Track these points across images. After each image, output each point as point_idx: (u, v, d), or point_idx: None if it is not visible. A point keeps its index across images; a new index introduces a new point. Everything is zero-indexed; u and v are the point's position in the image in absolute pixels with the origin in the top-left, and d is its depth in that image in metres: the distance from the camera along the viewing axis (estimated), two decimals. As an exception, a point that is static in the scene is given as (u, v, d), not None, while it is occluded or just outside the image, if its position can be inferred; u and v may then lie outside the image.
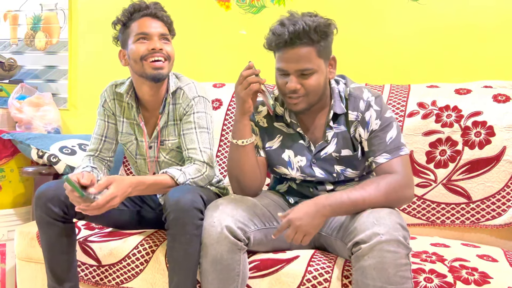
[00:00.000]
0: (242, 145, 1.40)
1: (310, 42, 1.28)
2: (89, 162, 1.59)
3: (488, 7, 2.01)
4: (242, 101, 1.36)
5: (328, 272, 1.29)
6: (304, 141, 1.44)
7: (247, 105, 1.36)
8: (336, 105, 1.39)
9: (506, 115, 1.68)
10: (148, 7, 1.51)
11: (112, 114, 1.62)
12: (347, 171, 1.42)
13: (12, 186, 2.20)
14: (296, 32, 1.26)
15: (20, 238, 1.66)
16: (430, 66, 2.09)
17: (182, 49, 2.41)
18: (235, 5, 2.34)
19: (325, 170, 1.43)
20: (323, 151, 1.42)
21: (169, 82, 1.57)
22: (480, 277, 1.25)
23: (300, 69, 1.30)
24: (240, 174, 1.42)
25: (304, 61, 1.29)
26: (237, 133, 1.40)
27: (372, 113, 1.36)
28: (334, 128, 1.41)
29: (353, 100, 1.39)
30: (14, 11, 2.71)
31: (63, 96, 2.64)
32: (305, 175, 1.44)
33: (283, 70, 1.32)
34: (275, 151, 1.47)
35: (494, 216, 1.63)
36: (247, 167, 1.42)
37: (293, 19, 1.29)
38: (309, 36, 1.26)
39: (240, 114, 1.38)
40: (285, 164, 1.46)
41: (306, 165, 1.43)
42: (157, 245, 1.49)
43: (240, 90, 1.34)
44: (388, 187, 1.26)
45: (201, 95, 1.55)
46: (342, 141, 1.40)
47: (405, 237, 1.16)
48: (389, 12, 2.13)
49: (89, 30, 2.59)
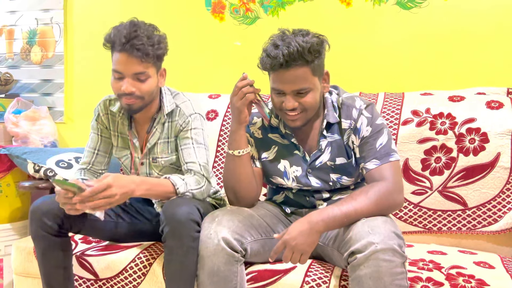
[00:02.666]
0: (238, 155, 1.41)
1: (304, 63, 1.29)
2: (80, 175, 1.60)
3: (480, 14, 2.03)
4: (238, 112, 1.37)
5: (325, 282, 1.29)
6: (299, 152, 1.45)
7: (243, 116, 1.37)
8: (329, 115, 1.41)
9: (499, 121, 1.69)
10: (127, 42, 1.39)
11: (106, 128, 1.63)
12: (343, 179, 1.43)
13: (9, 200, 2.20)
14: (291, 54, 1.26)
15: (17, 253, 1.65)
16: (423, 74, 2.10)
17: (177, 60, 2.43)
18: (229, 17, 2.36)
19: (321, 179, 1.44)
20: (317, 160, 1.43)
21: (162, 101, 1.56)
22: (477, 284, 1.25)
23: (296, 89, 1.31)
24: (236, 184, 1.43)
25: (300, 81, 1.30)
26: (233, 143, 1.41)
27: (363, 120, 1.38)
28: (328, 137, 1.42)
29: (346, 108, 1.41)
30: (9, 26, 2.72)
31: (60, 109, 2.65)
32: (301, 184, 1.45)
33: (279, 90, 1.33)
34: (271, 161, 1.48)
35: (490, 223, 1.63)
36: (243, 177, 1.43)
37: (286, 40, 1.29)
38: (303, 57, 1.27)
39: (236, 124, 1.40)
40: (281, 175, 1.47)
41: (302, 174, 1.44)
42: (154, 258, 1.49)
43: (236, 100, 1.36)
44: (377, 195, 1.27)
45: (197, 112, 1.56)
46: (336, 150, 1.41)
47: (400, 246, 1.16)
48: (382, 21, 2.15)
49: (85, 44, 2.60)
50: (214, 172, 1.98)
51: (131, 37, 1.39)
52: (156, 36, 1.44)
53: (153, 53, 1.42)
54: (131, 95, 1.44)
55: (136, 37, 1.39)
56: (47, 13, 2.64)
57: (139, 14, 2.47)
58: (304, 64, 1.29)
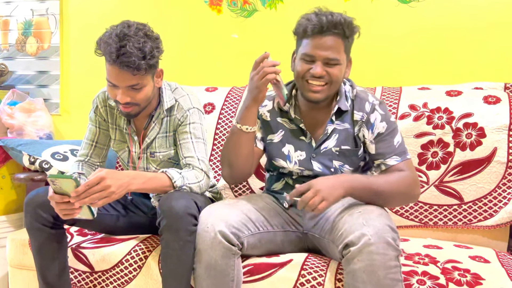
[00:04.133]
0: (246, 132, 1.41)
1: (342, 35, 1.33)
2: (78, 168, 1.57)
3: (479, 9, 2.02)
4: (257, 91, 1.37)
5: (321, 276, 1.29)
6: (306, 138, 1.46)
7: (261, 95, 1.38)
8: (341, 102, 1.43)
9: (496, 116, 1.69)
10: (116, 57, 1.32)
11: (104, 120, 1.62)
12: (345, 167, 1.44)
13: (4, 193, 2.18)
14: (334, 22, 1.31)
15: (12, 245, 1.65)
16: (421, 68, 2.10)
17: (174, 53, 2.41)
18: (226, 9, 2.35)
19: (323, 164, 1.45)
20: (323, 145, 1.44)
21: (162, 97, 1.54)
22: (472, 278, 1.26)
23: (328, 58, 1.33)
24: (235, 159, 1.43)
25: (333, 50, 1.33)
26: (243, 119, 1.41)
27: (377, 116, 1.41)
28: (336, 124, 1.44)
29: (359, 101, 1.44)
30: (4, 17, 2.69)
31: (55, 101, 2.63)
32: (303, 168, 1.46)
33: (310, 56, 1.34)
34: (276, 144, 1.49)
35: (486, 217, 1.64)
36: (243, 153, 1.43)
37: (328, 11, 1.34)
38: (343, 28, 1.32)
39: (252, 102, 1.39)
40: (284, 158, 1.48)
41: (306, 159, 1.46)
42: (150, 251, 1.49)
43: (257, 79, 1.35)
44: (399, 181, 1.35)
45: (196, 106, 1.55)
46: (343, 138, 1.43)
47: (394, 239, 1.16)
48: (380, 15, 2.14)
49: (81, 35, 2.58)
50: (211, 166, 1.98)
51: (120, 53, 1.31)
52: (148, 45, 1.35)
53: (145, 65, 1.35)
54: (128, 104, 1.42)
55: (125, 54, 1.31)
56: (43, 3, 2.62)
57: (136, 6, 2.47)
58: (340, 36, 1.33)
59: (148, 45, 1.35)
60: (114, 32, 1.34)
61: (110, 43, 1.33)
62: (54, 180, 1.25)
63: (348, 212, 1.29)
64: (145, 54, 1.34)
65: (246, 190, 1.91)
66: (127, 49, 1.32)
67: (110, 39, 1.33)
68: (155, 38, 1.40)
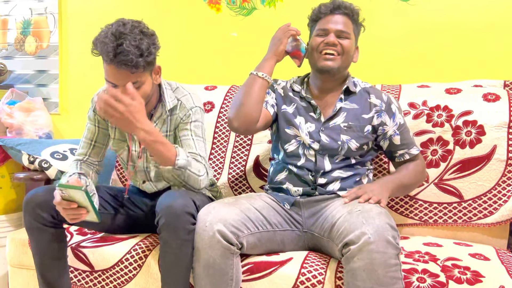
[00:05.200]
0: (260, 77, 1.52)
1: (350, 16, 1.53)
2: (76, 168, 1.56)
3: (478, 7, 2.02)
4: (279, 42, 1.55)
5: (321, 274, 1.29)
6: (315, 113, 1.55)
7: (282, 47, 1.54)
8: (349, 83, 1.57)
9: (496, 114, 1.69)
10: (114, 57, 1.32)
11: (103, 119, 1.61)
12: (351, 142, 1.51)
13: (4, 192, 2.18)
14: (344, 4, 1.53)
15: (11, 244, 1.64)
16: (420, 66, 2.10)
17: (173, 52, 2.41)
18: (225, 8, 2.34)
19: (331, 137, 1.51)
20: (332, 121, 1.53)
21: (164, 97, 1.54)
22: (472, 276, 1.26)
23: (340, 30, 1.51)
24: (246, 98, 1.50)
25: (344, 25, 1.52)
26: (260, 67, 1.54)
27: (395, 108, 1.58)
28: (345, 103, 1.55)
29: (376, 91, 1.59)
30: (3, 16, 2.69)
31: (54, 100, 2.63)
32: (312, 139, 1.51)
33: (324, 30, 1.52)
34: (289, 114, 1.58)
35: (486, 215, 1.64)
36: (255, 95, 1.51)
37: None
38: (352, 11, 1.53)
39: (272, 54, 1.55)
40: (297, 126, 1.55)
41: (315, 131, 1.53)
42: (149, 250, 1.49)
43: (281, 33, 1.56)
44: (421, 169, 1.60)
45: (198, 105, 1.55)
46: (352, 116, 1.54)
47: (394, 237, 1.16)
48: (379, 12, 2.14)
49: (80, 34, 2.58)
50: (211, 164, 1.98)
51: (117, 52, 1.31)
52: (144, 42, 1.35)
53: (143, 63, 1.35)
54: None
55: (122, 52, 1.31)
56: (41, 3, 2.61)
57: (135, 5, 2.47)
58: (349, 17, 1.53)
59: (144, 42, 1.35)
60: (109, 31, 1.34)
61: (107, 42, 1.32)
62: (64, 189, 1.28)
63: (347, 211, 1.29)
64: (142, 51, 1.34)
65: (246, 189, 1.91)
66: (124, 47, 1.31)
67: (106, 39, 1.33)
68: (151, 35, 1.40)
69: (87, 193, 1.27)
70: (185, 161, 1.40)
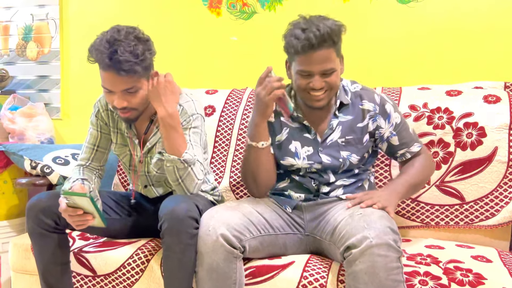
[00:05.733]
0: (262, 148, 1.45)
1: (332, 44, 1.36)
2: (79, 174, 1.56)
3: (478, 8, 2.02)
4: (265, 106, 1.41)
5: (323, 277, 1.29)
6: (310, 134, 1.49)
7: (270, 110, 1.42)
8: (342, 96, 1.48)
9: (497, 115, 1.69)
10: (109, 63, 1.34)
11: (105, 124, 1.62)
12: (352, 156, 1.47)
13: (6, 197, 2.19)
14: (322, 36, 1.33)
15: (14, 250, 1.65)
16: (421, 68, 2.10)
17: (173, 56, 2.42)
18: (226, 12, 2.35)
19: (332, 156, 1.47)
20: (328, 138, 1.48)
21: None
22: (474, 278, 1.26)
23: (325, 70, 1.37)
24: (258, 173, 1.47)
25: (327, 62, 1.37)
26: (256, 135, 1.45)
27: (390, 107, 1.50)
28: (340, 117, 1.48)
29: (367, 93, 1.50)
30: (5, 22, 2.70)
31: (56, 105, 2.64)
32: (312, 162, 1.47)
33: (307, 72, 1.38)
34: (283, 143, 1.51)
35: (488, 217, 1.64)
36: (264, 166, 1.47)
37: (314, 23, 1.35)
38: (332, 39, 1.35)
39: (261, 118, 1.43)
40: (292, 155, 1.49)
41: (314, 153, 1.48)
42: (152, 254, 1.49)
43: (264, 95, 1.39)
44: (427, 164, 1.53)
45: (200, 113, 1.55)
46: (347, 129, 1.47)
47: (395, 240, 1.16)
48: (379, 15, 2.14)
49: (81, 39, 2.59)
50: (212, 168, 1.98)
51: (113, 59, 1.33)
52: (139, 47, 1.36)
53: (138, 68, 1.36)
54: (125, 108, 1.43)
55: (118, 59, 1.32)
56: (43, 8, 2.62)
57: (135, 10, 2.48)
58: (331, 46, 1.36)
59: (139, 48, 1.36)
60: (104, 38, 1.36)
61: (102, 49, 1.34)
62: (69, 196, 1.29)
63: (349, 214, 1.30)
64: (137, 56, 1.35)
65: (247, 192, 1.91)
66: (118, 54, 1.33)
67: (101, 46, 1.35)
68: (146, 40, 1.41)
69: (92, 199, 1.29)
70: (192, 158, 1.41)
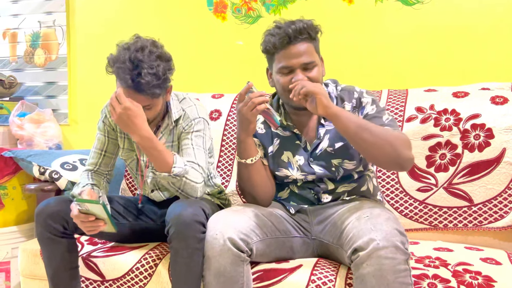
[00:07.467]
0: (251, 163, 1.43)
1: (309, 38, 1.37)
2: (88, 179, 1.57)
3: (483, 9, 2.02)
4: (248, 122, 1.36)
5: (331, 281, 1.28)
6: (301, 142, 1.48)
7: (252, 126, 1.38)
8: None
9: (504, 117, 1.68)
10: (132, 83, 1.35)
11: (113, 130, 1.63)
12: (345, 163, 1.44)
13: (15, 203, 2.21)
14: (298, 29, 1.35)
15: (23, 255, 1.66)
16: (427, 70, 2.10)
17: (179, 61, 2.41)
18: (231, 16, 2.36)
19: (323, 166, 1.45)
20: (318, 148, 1.46)
21: (170, 108, 1.56)
22: (484, 281, 1.25)
23: (305, 62, 1.36)
24: (253, 189, 1.46)
25: (307, 54, 1.37)
26: (244, 153, 1.43)
27: (368, 100, 1.44)
28: (326, 126, 1.46)
29: (347, 93, 1.47)
30: (12, 29, 2.73)
31: (64, 111, 2.66)
32: (305, 173, 1.46)
33: (288, 67, 1.37)
34: (275, 154, 1.50)
35: (497, 219, 1.63)
36: (259, 182, 1.45)
37: (289, 21, 1.38)
38: (308, 32, 1.36)
39: (246, 134, 1.40)
40: (286, 166, 1.48)
41: (305, 163, 1.46)
42: (160, 259, 1.49)
43: (246, 111, 1.34)
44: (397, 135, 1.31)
45: (202, 116, 1.56)
46: (335, 136, 1.45)
47: (403, 242, 1.16)
48: (384, 18, 2.14)
49: (88, 45, 2.61)
50: (219, 172, 1.98)
51: (135, 80, 1.35)
52: (161, 68, 1.37)
53: (159, 90, 1.40)
54: None
55: (140, 82, 1.35)
56: (50, 15, 2.65)
57: (140, 15, 2.50)
58: (308, 39, 1.37)
59: (161, 69, 1.38)
60: (127, 55, 1.36)
61: (124, 69, 1.35)
62: (81, 203, 1.32)
63: (355, 217, 1.29)
64: (159, 78, 1.38)
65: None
66: (142, 76, 1.35)
67: (124, 64, 1.35)
68: (167, 60, 1.43)
69: (105, 206, 1.31)
70: (182, 169, 1.41)
